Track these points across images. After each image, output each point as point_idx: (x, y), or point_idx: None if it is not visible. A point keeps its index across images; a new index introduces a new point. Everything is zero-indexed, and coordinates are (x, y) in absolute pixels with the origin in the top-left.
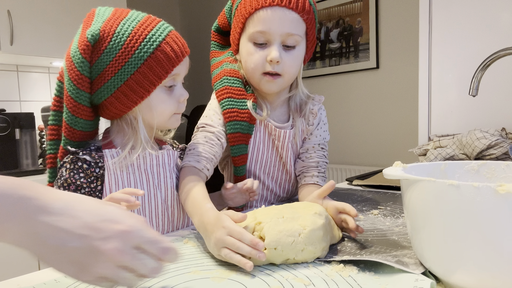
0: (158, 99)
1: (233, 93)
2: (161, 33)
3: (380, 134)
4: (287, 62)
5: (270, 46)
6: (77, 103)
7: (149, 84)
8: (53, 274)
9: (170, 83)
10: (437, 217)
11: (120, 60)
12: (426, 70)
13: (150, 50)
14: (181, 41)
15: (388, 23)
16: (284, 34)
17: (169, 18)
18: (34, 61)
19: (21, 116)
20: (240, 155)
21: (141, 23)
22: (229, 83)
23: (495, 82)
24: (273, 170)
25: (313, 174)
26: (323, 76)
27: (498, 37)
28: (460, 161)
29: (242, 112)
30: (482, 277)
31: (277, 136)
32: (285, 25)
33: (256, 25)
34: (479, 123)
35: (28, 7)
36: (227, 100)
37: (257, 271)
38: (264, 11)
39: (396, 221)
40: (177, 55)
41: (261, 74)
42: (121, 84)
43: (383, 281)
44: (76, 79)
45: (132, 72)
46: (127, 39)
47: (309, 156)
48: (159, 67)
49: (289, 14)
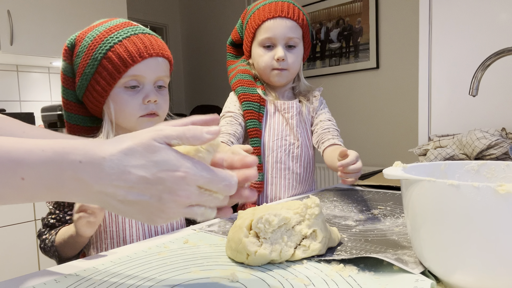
0: (119, 99)
1: (245, 83)
2: (119, 35)
3: (380, 134)
4: (290, 58)
5: (276, 48)
6: (65, 100)
7: (105, 84)
8: (53, 274)
9: (133, 83)
10: (437, 217)
11: (84, 62)
12: (426, 70)
13: (104, 51)
14: (146, 43)
15: (388, 23)
16: (286, 37)
17: (169, 19)
18: (34, 61)
19: (21, 116)
20: (253, 128)
21: (109, 28)
22: (241, 77)
23: (495, 82)
24: (286, 139)
25: (329, 137)
26: (323, 76)
27: (498, 37)
28: (460, 161)
29: (253, 95)
30: (482, 277)
31: (286, 108)
32: (286, 31)
33: (264, 33)
34: (479, 123)
35: (28, 7)
36: (240, 87)
37: (257, 271)
38: (269, 22)
39: (396, 221)
40: (132, 56)
41: (271, 70)
42: (87, 84)
43: (383, 281)
44: (62, 79)
45: (92, 72)
46: (90, 43)
47: (320, 127)
48: (112, 68)
49: (288, 22)
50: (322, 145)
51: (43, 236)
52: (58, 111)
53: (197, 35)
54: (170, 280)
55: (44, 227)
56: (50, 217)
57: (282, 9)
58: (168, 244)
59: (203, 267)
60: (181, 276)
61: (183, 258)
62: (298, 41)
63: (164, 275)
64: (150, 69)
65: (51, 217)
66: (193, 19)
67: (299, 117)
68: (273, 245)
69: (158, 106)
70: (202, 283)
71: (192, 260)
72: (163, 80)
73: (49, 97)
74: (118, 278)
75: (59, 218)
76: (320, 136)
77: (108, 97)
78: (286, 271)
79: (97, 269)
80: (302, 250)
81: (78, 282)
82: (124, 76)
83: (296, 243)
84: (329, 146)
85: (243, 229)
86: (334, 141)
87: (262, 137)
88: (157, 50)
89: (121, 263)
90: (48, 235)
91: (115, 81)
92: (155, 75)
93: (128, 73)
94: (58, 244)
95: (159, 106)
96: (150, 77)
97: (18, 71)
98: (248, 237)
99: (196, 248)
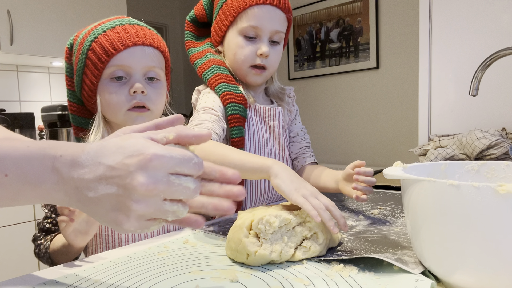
0: (106, 91)
1: (226, 79)
2: (104, 27)
3: (380, 134)
4: (272, 56)
5: (260, 40)
6: (70, 102)
7: (92, 76)
8: (53, 274)
9: (119, 73)
10: (437, 217)
11: (77, 58)
12: (426, 70)
13: (89, 44)
14: (130, 32)
15: (388, 23)
16: (273, 31)
17: (169, 18)
18: (34, 61)
19: (21, 116)
20: (239, 137)
21: (99, 23)
22: (219, 70)
23: (495, 82)
24: (271, 150)
25: (310, 154)
26: (323, 76)
27: (498, 37)
28: (460, 161)
29: (238, 95)
30: (482, 277)
31: (271, 115)
32: (275, 23)
33: (249, 19)
34: (479, 123)
35: (28, 7)
36: (222, 84)
37: (257, 271)
38: (257, 8)
39: (396, 221)
40: (113, 45)
41: (249, 67)
42: (81, 80)
43: (383, 281)
44: (66, 81)
45: (83, 67)
46: (81, 39)
47: (301, 138)
48: (96, 58)
49: (278, 12)
50: (302, 160)
51: (38, 241)
52: (58, 111)
53: None
54: (170, 280)
55: (40, 231)
56: (46, 222)
57: None
58: (168, 244)
59: (203, 267)
60: (181, 276)
61: (183, 258)
62: (282, 36)
63: (164, 275)
64: (136, 58)
65: (47, 221)
66: None
67: (282, 123)
68: (273, 246)
69: (147, 98)
70: (202, 283)
71: (192, 260)
72: (154, 71)
73: (49, 97)
74: (118, 278)
75: (55, 222)
76: (300, 150)
77: (96, 91)
78: (286, 271)
79: (97, 269)
80: (302, 251)
81: (78, 282)
82: (108, 66)
83: (296, 244)
84: (311, 164)
85: (243, 229)
86: (313, 159)
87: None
88: (142, 39)
89: (121, 263)
90: (43, 240)
91: (99, 72)
92: (141, 65)
93: (111, 62)
94: (51, 252)
95: (148, 98)
96: (136, 67)
97: (18, 71)
98: (248, 237)
99: (196, 248)
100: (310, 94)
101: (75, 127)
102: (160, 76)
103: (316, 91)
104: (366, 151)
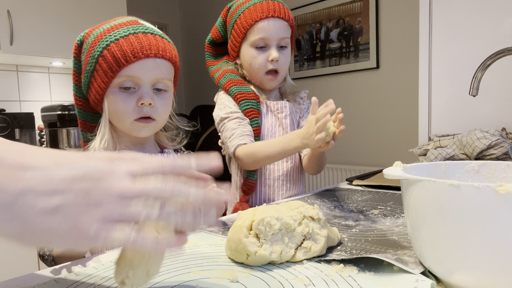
0: (113, 100)
1: (237, 82)
2: (117, 34)
3: (380, 134)
4: (282, 59)
5: (269, 48)
6: (76, 96)
7: (101, 82)
8: (53, 274)
9: (127, 84)
10: (437, 217)
11: (86, 59)
12: (426, 70)
13: (100, 50)
14: (144, 43)
15: (388, 23)
16: (279, 38)
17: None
18: (34, 61)
19: (21, 116)
20: (257, 127)
21: (112, 26)
22: (231, 77)
23: (495, 82)
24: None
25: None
26: (323, 76)
27: (498, 37)
28: (460, 161)
29: (249, 93)
30: (482, 277)
31: (279, 108)
32: (280, 31)
33: (258, 33)
34: (479, 123)
35: (28, 7)
36: (234, 87)
37: (257, 271)
38: (263, 22)
39: (396, 221)
40: (126, 56)
41: (264, 74)
42: (88, 81)
43: (383, 281)
44: (73, 75)
45: (92, 70)
46: (92, 40)
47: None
48: (107, 67)
49: (281, 22)
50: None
51: None
52: (58, 111)
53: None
54: (170, 280)
55: None
56: None
57: (274, 9)
58: None
59: (203, 267)
60: (181, 276)
61: (183, 258)
62: (289, 41)
63: (164, 275)
64: (146, 70)
65: None
66: (193, 19)
67: (291, 117)
68: (273, 246)
69: (154, 109)
70: (202, 283)
71: (192, 260)
72: (163, 83)
73: (49, 97)
74: None
75: None
76: None
77: (104, 96)
78: (286, 271)
79: (97, 269)
80: (303, 252)
81: (78, 282)
82: (118, 76)
83: (297, 244)
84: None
85: (243, 229)
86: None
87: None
88: (155, 51)
89: None
90: None
91: (109, 80)
92: (151, 77)
93: (121, 73)
94: (55, 255)
95: (155, 109)
96: (146, 79)
97: (18, 71)
98: (248, 238)
99: (196, 248)
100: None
101: (82, 121)
102: (168, 86)
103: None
104: (366, 151)
